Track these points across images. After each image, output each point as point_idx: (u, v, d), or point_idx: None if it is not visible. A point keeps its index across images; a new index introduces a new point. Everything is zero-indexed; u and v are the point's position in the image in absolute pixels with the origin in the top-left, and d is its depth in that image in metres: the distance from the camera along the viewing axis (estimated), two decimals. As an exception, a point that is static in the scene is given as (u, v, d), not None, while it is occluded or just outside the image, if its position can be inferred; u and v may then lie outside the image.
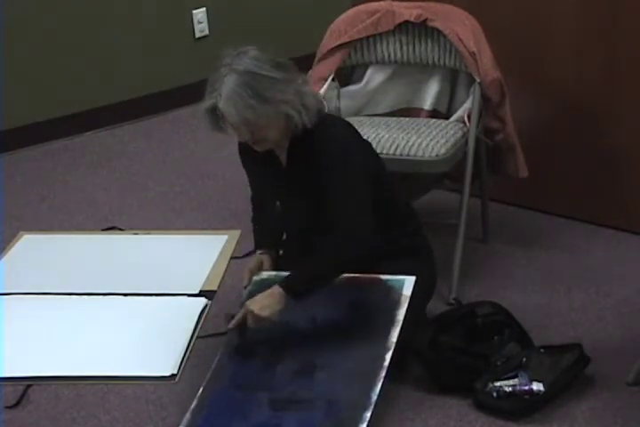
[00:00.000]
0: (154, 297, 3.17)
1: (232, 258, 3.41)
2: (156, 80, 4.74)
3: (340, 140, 2.54)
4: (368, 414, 2.38)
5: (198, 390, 2.57)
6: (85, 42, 4.51)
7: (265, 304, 2.49)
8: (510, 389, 2.54)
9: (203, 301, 3.14)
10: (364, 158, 2.58)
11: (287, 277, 2.53)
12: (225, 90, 2.41)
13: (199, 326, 3.01)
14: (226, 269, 3.34)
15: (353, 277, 2.60)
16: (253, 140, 2.49)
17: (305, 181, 2.57)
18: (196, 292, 3.19)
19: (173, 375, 2.79)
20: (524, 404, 2.53)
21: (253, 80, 2.41)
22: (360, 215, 2.51)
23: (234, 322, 2.55)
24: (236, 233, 3.55)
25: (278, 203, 2.70)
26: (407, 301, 2.56)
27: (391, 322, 2.54)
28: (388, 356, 2.47)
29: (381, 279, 2.64)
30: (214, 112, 2.46)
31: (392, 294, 2.60)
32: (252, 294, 2.69)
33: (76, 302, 3.16)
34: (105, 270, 3.34)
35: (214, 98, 2.43)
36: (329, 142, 2.53)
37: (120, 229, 3.67)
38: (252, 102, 2.39)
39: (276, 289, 2.50)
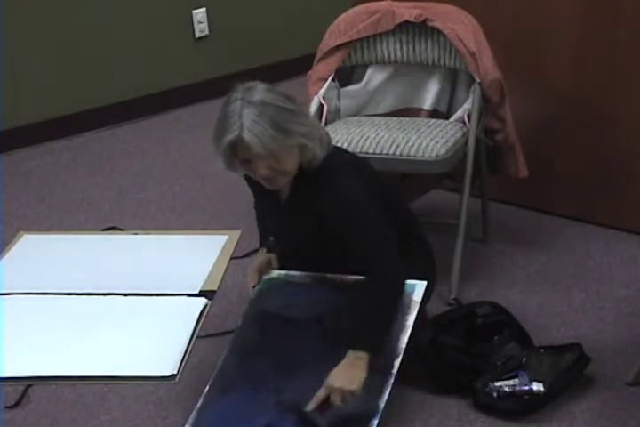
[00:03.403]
0: (154, 297, 3.17)
1: (232, 258, 3.41)
2: (156, 80, 4.75)
3: (349, 194, 2.47)
4: (375, 422, 2.37)
5: (201, 389, 2.56)
6: (85, 42, 4.52)
7: (351, 377, 2.36)
8: (510, 389, 2.54)
9: (203, 301, 3.14)
10: (372, 197, 2.51)
11: (354, 340, 2.40)
12: (246, 122, 2.33)
13: (199, 326, 3.01)
14: (226, 270, 3.34)
15: (363, 279, 2.55)
16: (272, 174, 2.42)
17: (304, 221, 2.54)
18: (196, 292, 3.19)
19: (173, 375, 2.79)
20: (524, 404, 2.53)
21: (272, 111, 2.35)
22: (389, 260, 2.48)
23: (313, 402, 2.38)
24: (236, 233, 3.56)
25: (272, 238, 2.69)
26: (417, 306, 2.53)
27: (400, 327, 2.50)
28: (397, 362, 2.44)
29: None
30: (234, 147, 2.37)
31: (402, 299, 2.56)
32: (261, 293, 2.68)
33: (76, 301, 3.16)
34: (105, 270, 3.35)
35: (236, 130, 2.33)
36: (336, 197, 2.45)
37: (120, 229, 3.67)
38: (274, 134, 2.33)
39: (353, 356, 2.37)
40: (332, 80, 3.22)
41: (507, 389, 2.54)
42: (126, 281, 3.26)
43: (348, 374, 2.37)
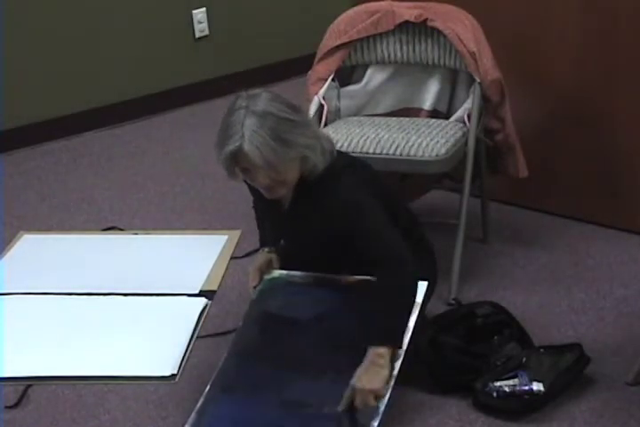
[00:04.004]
0: (154, 297, 3.17)
1: (232, 258, 3.41)
2: (156, 80, 4.75)
3: (348, 195, 2.48)
4: (375, 424, 2.36)
5: (201, 389, 2.56)
6: (85, 42, 4.52)
7: (372, 376, 2.35)
8: (510, 389, 2.54)
9: (203, 301, 3.14)
10: (375, 198, 2.52)
11: (372, 336, 2.39)
12: (247, 132, 2.32)
13: (199, 326, 3.01)
14: (226, 270, 3.34)
15: (364, 279, 2.55)
16: (272, 184, 2.42)
17: (305, 229, 2.54)
18: (196, 292, 3.19)
19: (173, 375, 2.79)
20: (523, 404, 2.53)
21: (274, 122, 2.34)
22: (397, 250, 2.47)
23: (342, 405, 2.37)
24: (236, 233, 3.55)
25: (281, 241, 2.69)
26: (418, 307, 2.51)
27: None
28: (398, 364, 2.43)
29: None
30: (235, 157, 2.37)
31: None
32: (262, 294, 2.67)
33: (76, 301, 3.16)
34: (105, 270, 3.34)
35: (237, 141, 2.33)
36: (340, 197, 2.47)
37: (120, 229, 3.67)
38: (275, 145, 2.33)
39: (374, 354, 2.36)
40: (332, 80, 3.22)
41: (507, 389, 2.54)
42: (126, 281, 3.26)
43: (370, 373, 2.36)
